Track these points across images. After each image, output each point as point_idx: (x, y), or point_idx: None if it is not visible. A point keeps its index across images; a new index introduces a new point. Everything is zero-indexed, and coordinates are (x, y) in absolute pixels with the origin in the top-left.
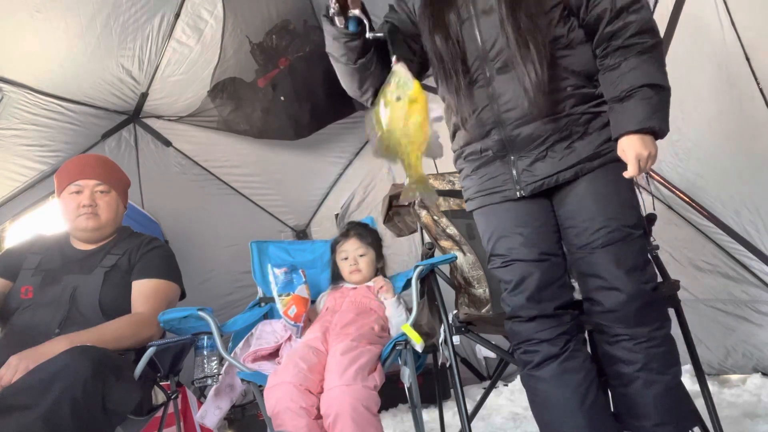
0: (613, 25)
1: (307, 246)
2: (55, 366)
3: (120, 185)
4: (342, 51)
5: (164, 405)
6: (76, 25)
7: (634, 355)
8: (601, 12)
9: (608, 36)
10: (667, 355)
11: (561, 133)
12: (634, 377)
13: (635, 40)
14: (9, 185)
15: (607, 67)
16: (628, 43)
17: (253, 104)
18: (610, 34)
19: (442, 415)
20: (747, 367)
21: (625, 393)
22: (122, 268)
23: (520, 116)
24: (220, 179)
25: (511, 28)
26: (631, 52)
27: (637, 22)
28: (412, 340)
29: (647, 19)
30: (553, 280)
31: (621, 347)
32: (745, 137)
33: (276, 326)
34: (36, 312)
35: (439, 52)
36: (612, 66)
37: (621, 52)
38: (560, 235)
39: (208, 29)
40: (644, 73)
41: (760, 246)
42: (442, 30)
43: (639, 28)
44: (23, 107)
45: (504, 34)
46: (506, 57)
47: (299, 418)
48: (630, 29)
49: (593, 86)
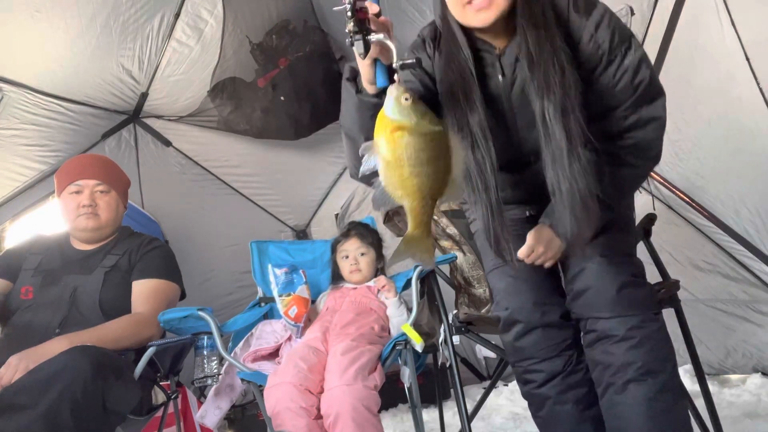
0: (626, 121)
1: (307, 246)
2: (55, 366)
3: (120, 185)
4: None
5: (164, 405)
6: (76, 25)
7: (610, 356)
8: (623, 97)
9: (612, 128)
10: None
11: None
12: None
13: (630, 159)
14: (9, 185)
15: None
16: (622, 154)
17: (253, 104)
18: (617, 130)
19: (442, 415)
20: (747, 367)
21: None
22: (122, 268)
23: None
24: (220, 179)
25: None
26: (615, 166)
27: (646, 140)
28: (412, 340)
29: (655, 138)
30: (554, 287)
31: (600, 349)
32: (745, 137)
33: (276, 326)
34: (36, 312)
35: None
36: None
37: (608, 159)
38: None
39: (208, 29)
40: (607, 191)
41: (760, 246)
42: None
43: (644, 145)
44: (23, 107)
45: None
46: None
47: (299, 418)
48: (635, 142)
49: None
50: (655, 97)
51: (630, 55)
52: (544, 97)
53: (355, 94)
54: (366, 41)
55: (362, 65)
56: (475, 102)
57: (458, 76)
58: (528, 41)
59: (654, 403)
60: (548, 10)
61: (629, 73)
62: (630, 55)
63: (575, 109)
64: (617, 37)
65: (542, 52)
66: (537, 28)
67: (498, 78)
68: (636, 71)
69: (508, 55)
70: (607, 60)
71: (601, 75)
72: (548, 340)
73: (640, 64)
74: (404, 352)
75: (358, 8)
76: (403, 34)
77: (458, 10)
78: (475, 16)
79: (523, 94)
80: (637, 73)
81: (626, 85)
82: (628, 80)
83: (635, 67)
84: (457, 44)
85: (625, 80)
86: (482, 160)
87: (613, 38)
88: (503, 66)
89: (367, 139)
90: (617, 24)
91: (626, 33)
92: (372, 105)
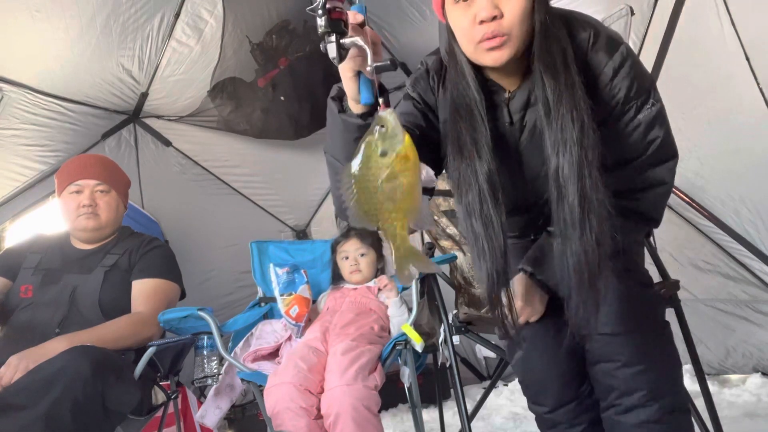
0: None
1: (307, 246)
2: (55, 366)
3: (120, 185)
4: (352, 147)
5: (164, 405)
6: (76, 25)
7: (614, 380)
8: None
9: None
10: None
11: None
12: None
13: (630, 224)
14: (9, 185)
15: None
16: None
17: (253, 104)
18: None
19: (442, 415)
20: (747, 367)
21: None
22: (122, 267)
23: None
24: (220, 179)
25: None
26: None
27: (648, 203)
28: (412, 340)
29: (657, 204)
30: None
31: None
32: (745, 137)
33: (276, 326)
34: (36, 311)
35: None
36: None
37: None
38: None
39: (208, 29)
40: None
41: (760, 246)
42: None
43: (645, 208)
44: (23, 107)
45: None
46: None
47: (299, 419)
48: (636, 204)
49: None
50: (666, 159)
51: (645, 109)
52: (559, 153)
53: (337, 114)
54: (339, 44)
55: (344, 78)
56: (484, 151)
57: (466, 121)
58: (546, 89)
59: (658, 425)
60: (568, 50)
61: (641, 129)
62: (645, 109)
63: (593, 171)
64: (635, 86)
65: (560, 103)
66: (556, 74)
67: (505, 122)
68: (649, 128)
69: (518, 98)
70: (621, 110)
71: (613, 123)
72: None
73: (654, 121)
74: (404, 352)
75: (331, 7)
76: (403, 34)
77: (470, 47)
78: (487, 55)
79: (533, 141)
80: (650, 130)
81: (637, 141)
82: (640, 136)
83: (649, 122)
84: (466, 84)
85: (637, 135)
86: (489, 221)
87: (631, 87)
88: (511, 112)
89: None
90: (638, 71)
91: (646, 84)
92: (356, 127)
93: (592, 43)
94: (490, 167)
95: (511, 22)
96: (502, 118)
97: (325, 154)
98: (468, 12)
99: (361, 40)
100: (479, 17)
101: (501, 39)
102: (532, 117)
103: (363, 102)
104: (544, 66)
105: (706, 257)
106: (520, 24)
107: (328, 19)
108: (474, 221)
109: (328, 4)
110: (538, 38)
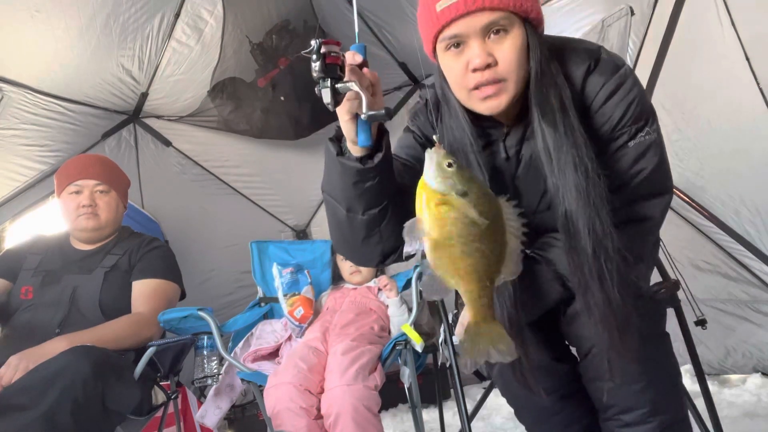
0: (621, 208)
1: (307, 246)
2: (55, 366)
3: (120, 185)
4: (350, 191)
5: (164, 405)
6: (76, 25)
7: (613, 398)
8: (616, 180)
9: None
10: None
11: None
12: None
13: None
14: (9, 185)
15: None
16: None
17: (253, 104)
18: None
19: (442, 415)
20: (747, 367)
21: None
22: (122, 268)
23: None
24: (220, 179)
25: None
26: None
27: (632, 235)
28: (412, 340)
29: (639, 241)
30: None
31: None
32: (745, 137)
33: (276, 326)
34: (36, 312)
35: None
36: (620, 269)
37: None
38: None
39: (208, 29)
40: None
41: (760, 246)
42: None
43: (629, 243)
44: (23, 107)
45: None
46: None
47: (299, 419)
48: (623, 237)
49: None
50: (654, 195)
51: (639, 137)
52: (565, 200)
53: (335, 157)
54: (334, 89)
55: (342, 121)
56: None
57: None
58: (546, 137)
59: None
60: (565, 92)
61: (629, 157)
62: (639, 137)
63: (602, 215)
64: (630, 112)
65: (561, 151)
66: (554, 121)
67: (501, 157)
68: (639, 157)
69: (514, 134)
70: (611, 135)
71: (604, 146)
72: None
73: (645, 151)
74: (404, 352)
75: (326, 52)
76: (403, 34)
77: (463, 93)
78: (481, 104)
79: (528, 174)
80: (639, 160)
81: (623, 168)
82: (627, 164)
83: (640, 152)
84: (461, 130)
85: (624, 163)
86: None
87: (626, 112)
88: (507, 147)
89: (349, 210)
90: (636, 97)
91: (644, 112)
92: (354, 171)
93: (591, 70)
94: None
95: (506, 68)
96: (498, 152)
97: (323, 192)
98: (460, 59)
99: (356, 84)
100: (472, 65)
101: (496, 86)
102: (528, 150)
103: (360, 144)
104: (541, 112)
105: (706, 257)
106: (517, 69)
107: (323, 64)
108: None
109: (323, 48)
110: (534, 84)
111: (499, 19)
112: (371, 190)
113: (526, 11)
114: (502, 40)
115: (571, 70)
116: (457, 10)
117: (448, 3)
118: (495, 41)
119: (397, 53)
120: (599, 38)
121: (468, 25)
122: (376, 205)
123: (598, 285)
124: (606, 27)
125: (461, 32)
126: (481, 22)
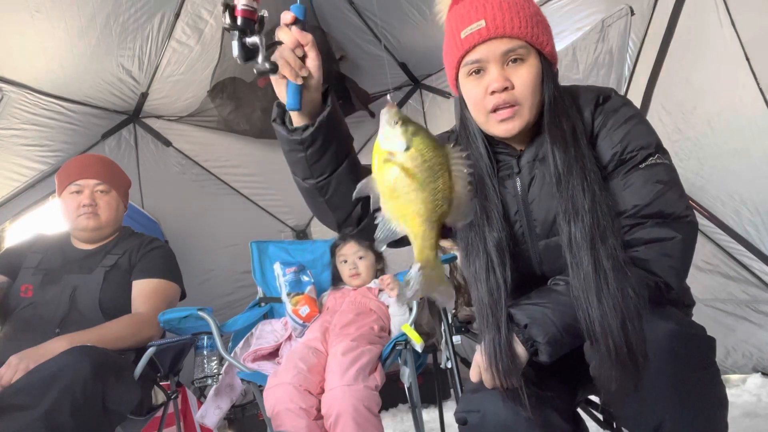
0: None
1: (307, 246)
2: (55, 366)
3: (120, 185)
4: (287, 157)
5: (164, 405)
6: (76, 25)
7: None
8: (622, 205)
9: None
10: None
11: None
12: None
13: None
14: (9, 185)
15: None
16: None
17: (253, 104)
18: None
19: (442, 415)
20: (747, 367)
21: None
22: (122, 267)
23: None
24: (220, 179)
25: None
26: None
27: (643, 264)
28: (412, 340)
29: (655, 266)
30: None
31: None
32: (745, 137)
33: (276, 326)
34: (35, 311)
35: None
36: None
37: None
38: None
39: (208, 29)
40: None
41: (760, 246)
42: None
43: (648, 263)
44: (23, 107)
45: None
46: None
47: (299, 419)
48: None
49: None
50: (668, 215)
51: (650, 160)
52: (570, 222)
53: (272, 121)
54: (242, 43)
55: (274, 82)
56: (494, 220)
57: (478, 189)
58: (557, 161)
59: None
60: (578, 124)
61: (641, 178)
62: (650, 160)
63: (607, 238)
64: (640, 140)
65: (570, 174)
66: (566, 147)
67: (515, 180)
68: (650, 176)
69: (527, 155)
70: (620, 158)
71: (610, 175)
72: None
73: (658, 172)
74: (404, 352)
75: (235, 5)
76: (403, 34)
77: (481, 116)
78: (498, 126)
79: (541, 196)
80: (651, 180)
81: (635, 189)
82: (639, 184)
83: (652, 173)
84: (478, 153)
85: (636, 183)
86: (495, 289)
87: (635, 138)
88: (520, 166)
89: (293, 173)
90: (646, 128)
91: (652, 142)
92: (285, 139)
93: (601, 103)
94: (500, 236)
95: (522, 93)
96: (512, 175)
97: (294, 177)
98: (480, 83)
99: (262, 39)
100: (491, 88)
101: (512, 109)
102: (539, 174)
103: (288, 108)
104: (552, 138)
105: (706, 257)
106: (531, 95)
107: (231, 16)
108: (480, 288)
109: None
110: (547, 111)
111: (516, 47)
112: (306, 161)
113: (542, 44)
114: (519, 68)
115: (582, 103)
116: (480, 35)
117: (471, 30)
118: (512, 68)
119: (397, 53)
120: (599, 38)
121: (489, 51)
122: (313, 176)
123: (597, 303)
124: (606, 27)
125: (482, 57)
126: (501, 49)
